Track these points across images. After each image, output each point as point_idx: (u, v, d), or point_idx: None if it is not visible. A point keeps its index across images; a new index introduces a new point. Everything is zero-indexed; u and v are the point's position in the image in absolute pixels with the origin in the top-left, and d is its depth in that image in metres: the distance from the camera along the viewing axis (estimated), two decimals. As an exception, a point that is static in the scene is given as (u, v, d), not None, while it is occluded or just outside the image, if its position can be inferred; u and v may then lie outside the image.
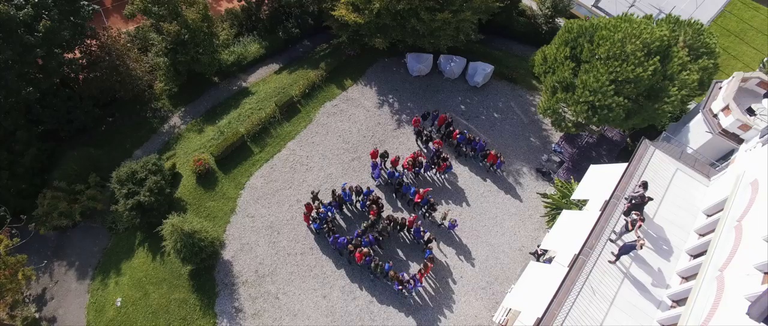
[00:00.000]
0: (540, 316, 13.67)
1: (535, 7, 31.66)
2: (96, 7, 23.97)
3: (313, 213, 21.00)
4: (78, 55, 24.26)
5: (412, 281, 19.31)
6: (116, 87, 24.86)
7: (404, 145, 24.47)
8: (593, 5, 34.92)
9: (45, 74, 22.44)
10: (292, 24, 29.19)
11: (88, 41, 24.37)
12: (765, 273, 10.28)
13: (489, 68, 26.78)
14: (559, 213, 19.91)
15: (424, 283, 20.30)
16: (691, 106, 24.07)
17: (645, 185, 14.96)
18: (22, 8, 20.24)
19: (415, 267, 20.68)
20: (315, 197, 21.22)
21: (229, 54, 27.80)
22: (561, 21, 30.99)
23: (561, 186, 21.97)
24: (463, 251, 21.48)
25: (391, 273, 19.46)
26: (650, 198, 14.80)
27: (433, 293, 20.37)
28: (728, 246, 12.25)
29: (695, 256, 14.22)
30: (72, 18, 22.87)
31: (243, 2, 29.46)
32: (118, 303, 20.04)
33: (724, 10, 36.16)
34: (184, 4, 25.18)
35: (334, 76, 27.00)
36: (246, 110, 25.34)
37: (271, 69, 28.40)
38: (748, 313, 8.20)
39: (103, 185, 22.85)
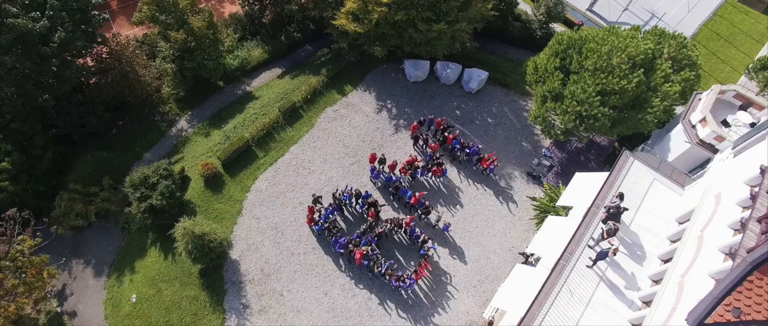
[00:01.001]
0: (522, 315, 15.05)
1: (530, 11, 32.55)
2: (106, 16, 24.93)
3: (316, 216, 22.30)
4: (90, 62, 25.31)
5: (407, 279, 20.71)
6: (126, 92, 25.96)
7: (402, 149, 25.69)
8: (587, 9, 35.89)
9: (59, 82, 23.54)
10: (294, 28, 30.21)
11: (99, 48, 25.40)
12: (716, 280, 11.58)
13: (483, 74, 27.87)
14: (547, 216, 21.28)
15: (420, 281, 21.69)
16: (679, 110, 25.19)
17: (621, 196, 16.23)
18: (39, 21, 21.26)
19: (411, 267, 22.06)
20: (317, 200, 22.52)
21: (233, 58, 28.82)
22: (555, 26, 31.93)
23: (549, 190, 23.28)
24: (456, 251, 22.85)
25: (389, 272, 20.87)
26: (625, 209, 16.09)
27: (427, 290, 21.78)
28: (690, 254, 13.57)
29: (665, 261, 15.56)
30: (84, 26, 23.91)
31: (246, 8, 30.38)
32: (134, 299, 21.47)
33: (715, 14, 37.08)
34: (190, 12, 26.17)
35: (334, 82, 28.10)
36: (250, 115, 26.49)
37: (274, 73, 29.46)
38: (686, 319, 9.47)
39: (116, 187, 24.18)
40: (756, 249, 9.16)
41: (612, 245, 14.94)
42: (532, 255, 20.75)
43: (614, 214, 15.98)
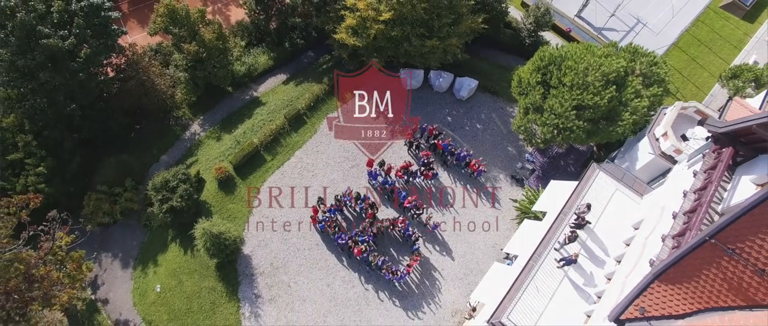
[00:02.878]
0: (495, 308, 17.75)
1: (520, 18, 34.35)
2: (124, 30, 26.97)
3: (319, 215, 24.88)
4: (111, 72, 27.48)
5: (400, 273, 23.43)
6: (143, 99, 28.19)
7: (397, 154, 28.09)
8: (575, 16, 37.74)
9: (84, 92, 25.77)
10: (297, 35, 32.21)
11: (118, 59, 27.51)
12: (649, 284, 14.14)
13: (473, 83, 30.04)
14: (526, 217, 23.86)
15: (412, 274, 24.43)
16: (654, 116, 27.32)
17: (589, 207, 18.70)
18: (67, 39, 23.39)
19: (404, 262, 24.77)
20: (320, 201, 25.07)
21: (240, 65, 30.98)
22: (544, 34, 33.76)
23: (529, 193, 25.79)
24: (444, 247, 25.52)
25: (384, 266, 23.56)
26: (588, 222, 18.57)
27: (418, 282, 24.54)
28: (635, 258, 16.15)
29: (619, 262, 18.18)
30: (104, 40, 26.00)
31: (253, 16, 32.27)
32: (158, 289, 24.23)
33: (697, 20, 38.91)
34: (201, 24, 28.21)
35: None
36: (258, 121, 28.80)
37: (279, 79, 31.64)
38: (607, 316, 12.03)
39: (136, 187, 26.70)
40: (660, 263, 11.67)
41: (574, 251, 17.49)
42: (509, 253, 23.40)
43: (578, 224, 18.51)
